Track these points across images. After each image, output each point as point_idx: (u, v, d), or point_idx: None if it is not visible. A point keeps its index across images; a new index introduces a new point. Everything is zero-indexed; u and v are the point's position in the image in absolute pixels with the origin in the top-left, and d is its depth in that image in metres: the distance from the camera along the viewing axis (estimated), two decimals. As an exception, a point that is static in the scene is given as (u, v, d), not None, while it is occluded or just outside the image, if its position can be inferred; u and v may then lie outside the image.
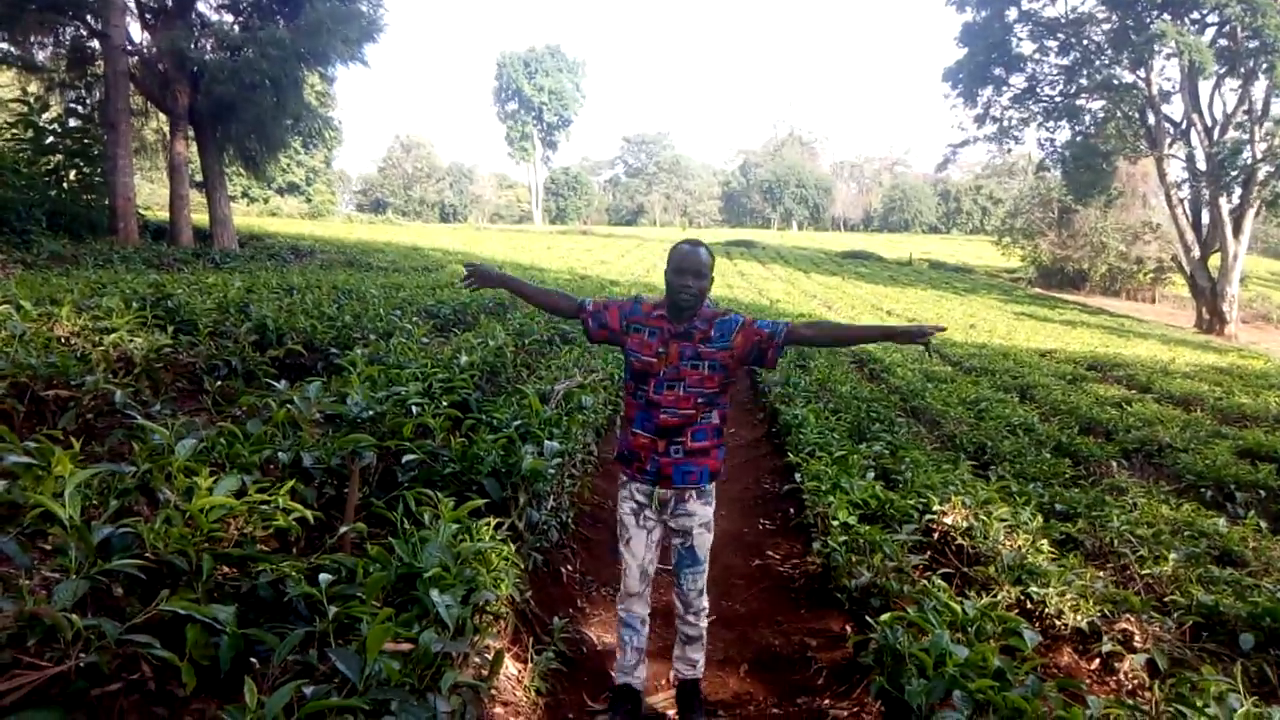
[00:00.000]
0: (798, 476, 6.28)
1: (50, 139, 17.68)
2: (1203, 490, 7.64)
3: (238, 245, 21.00)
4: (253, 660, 2.21)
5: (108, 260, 13.48)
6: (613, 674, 3.66)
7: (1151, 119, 32.83)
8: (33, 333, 4.80)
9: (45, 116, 17.83)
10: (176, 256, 15.96)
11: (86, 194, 17.98)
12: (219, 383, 5.16)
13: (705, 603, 3.52)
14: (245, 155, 21.02)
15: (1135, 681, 3.58)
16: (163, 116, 20.26)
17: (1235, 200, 31.00)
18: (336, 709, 1.95)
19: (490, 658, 2.98)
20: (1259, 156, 29.63)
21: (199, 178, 21.29)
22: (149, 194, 34.62)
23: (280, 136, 20.94)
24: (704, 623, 3.55)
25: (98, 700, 2.09)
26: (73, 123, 18.73)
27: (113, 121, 16.67)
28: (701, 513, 3.37)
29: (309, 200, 61.34)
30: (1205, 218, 32.09)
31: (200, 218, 21.26)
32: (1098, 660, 3.78)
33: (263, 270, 14.27)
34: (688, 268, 3.21)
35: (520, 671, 3.61)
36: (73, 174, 18.07)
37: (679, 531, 3.40)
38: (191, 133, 19.98)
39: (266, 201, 57.07)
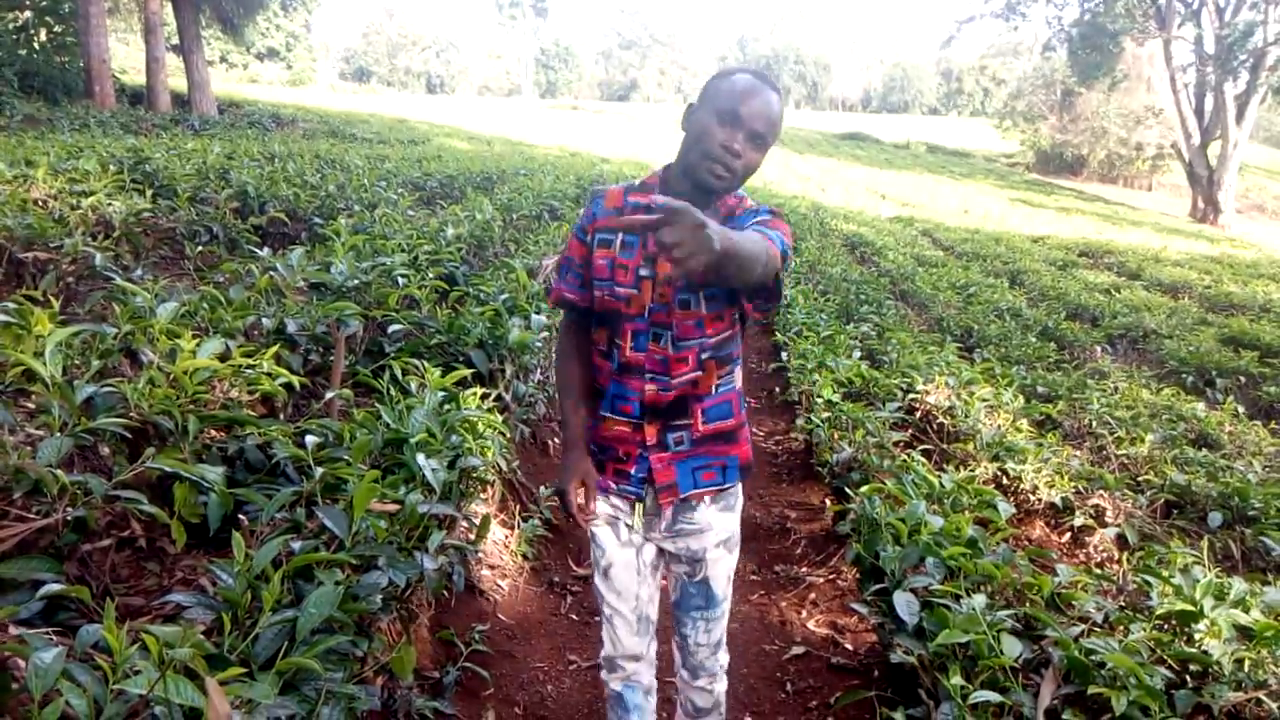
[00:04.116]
0: (784, 355, 6.31)
1: (16, -7, 16.87)
2: (1184, 376, 7.75)
3: (217, 111, 20.38)
4: (241, 518, 2.24)
5: (84, 124, 13.09)
6: None
7: (1163, -2, 31.73)
8: (8, 194, 4.68)
9: (9, -32, 16.96)
10: (154, 121, 15.50)
11: (59, 55, 17.28)
12: (200, 249, 5.07)
13: (724, 660, 2.19)
14: (222, 15, 20.19)
15: (1104, 554, 3.70)
16: (135, -28, 19.33)
17: (1241, 86, 30.30)
18: (325, 563, 1.98)
19: (477, 522, 3.04)
20: (1270, 39, 28.78)
21: (175, 40, 20.46)
22: (124, 57, 33.31)
23: (258, -5, 20.04)
24: (721, 686, 2.22)
25: (89, 555, 2.12)
26: (39, -24, 17.83)
27: (81, -25, 15.88)
28: (720, 525, 2.04)
29: (289, 67, 59.27)
30: (1209, 104, 31.43)
31: (178, 82, 20.55)
32: (1069, 534, 3.89)
33: (243, 137, 13.88)
34: (751, 116, 1.72)
35: (507, 537, 3.70)
36: (43, 33, 17.31)
37: (681, 557, 2.07)
38: (165, -10, 19.09)
39: (246, 68, 55.12)
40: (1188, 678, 2.26)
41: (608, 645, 2.13)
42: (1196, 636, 2.38)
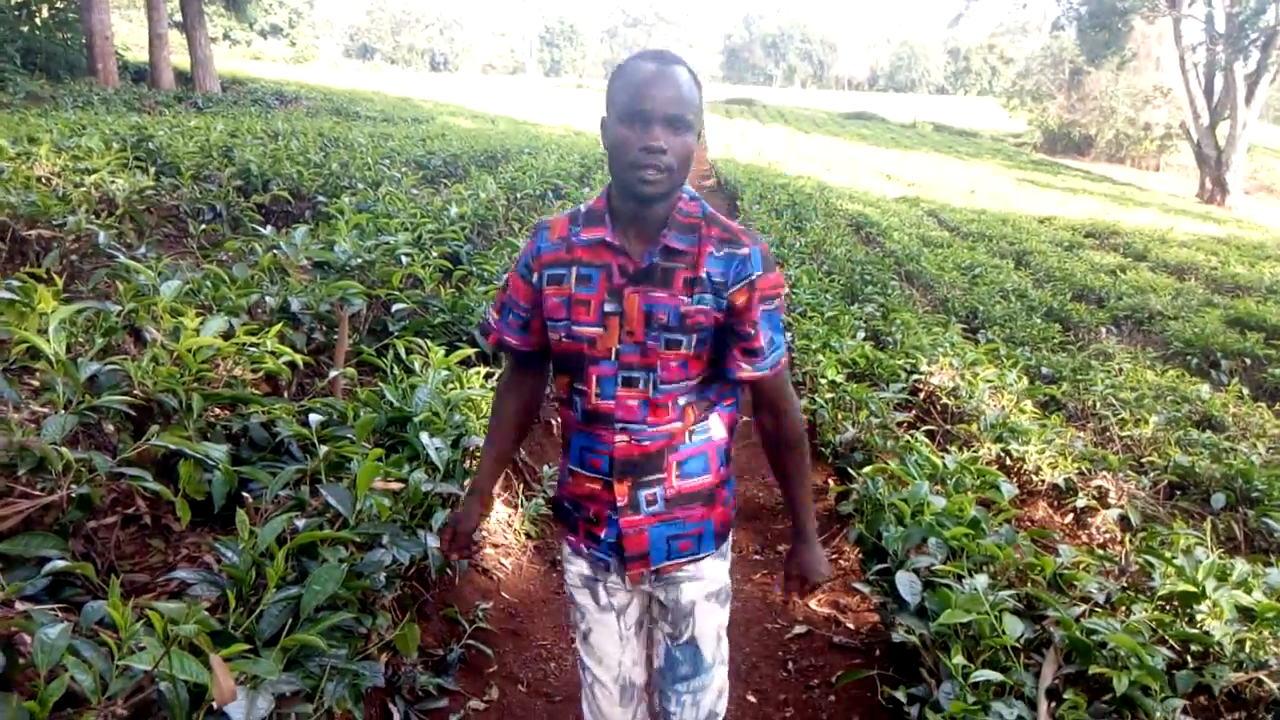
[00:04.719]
0: (788, 335, 6.30)
1: (17, -31, 16.78)
2: (1189, 358, 7.73)
3: (220, 89, 20.32)
4: (246, 495, 2.25)
5: (87, 101, 13.08)
6: None
7: (1174, -25, 31.39)
8: (11, 172, 4.68)
9: (9, -56, 16.87)
10: (157, 99, 15.48)
11: (62, 32, 17.24)
12: (203, 227, 5.07)
13: None
14: (224, -9, 20.05)
15: (1107, 535, 3.70)
16: (135, -52, 19.23)
17: (1251, 65, 30.03)
18: (329, 541, 1.99)
19: (480, 501, 3.04)
20: (1282, 18, 28.50)
21: (178, 17, 20.37)
22: (127, 34, 33.21)
23: (260, -29, 19.92)
24: None
25: (94, 532, 2.13)
26: (40, -47, 17.74)
27: (82, -49, 15.78)
28: (712, 573, 1.80)
29: (293, 44, 58.95)
30: (1218, 84, 31.17)
31: (181, 60, 20.48)
32: (1072, 515, 3.89)
33: (246, 115, 13.84)
34: (659, 104, 1.50)
35: (510, 515, 3.71)
36: (45, 10, 17.24)
37: (667, 610, 1.82)
38: (168, -33, 19.00)
39: (249, 45, 54.88)
40: (1189, 658, 2.27)
41: (587, 715, 1.94)
42: (1198, 617, 2.38)
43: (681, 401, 1.65)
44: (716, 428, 1.73)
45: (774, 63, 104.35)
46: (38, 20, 16.96)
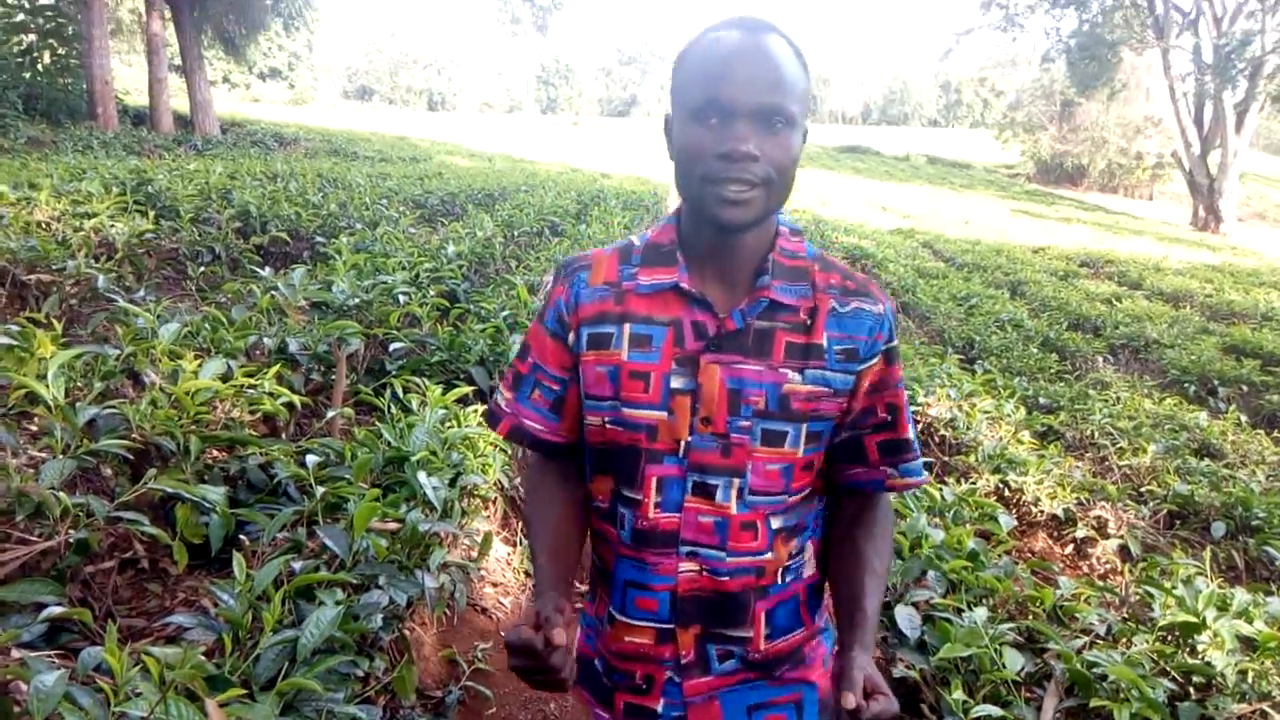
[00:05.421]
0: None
1: (20, 16, 17.00)
2: (1186, 385, 7.74)
3: (220, 131, 20.53)
4: (243, 538, 2.25)
5: (87, 145, 13.22)
6: None
7: (1160, 7, 31.85)
8: (11, 217, 4.72)
9: (13, -8, 17.14)
10: (157, 142, 15.64)
11: (63, 77, 17.44)
12: (202, 269, 5.11)
13: None
14: (224, 35, 20.38)
15: (1107, 565, 3.69)
16: (137, -6, 19.55)
17: (1240, 94, 30.40)
18: (325, 583, 1.99)
19: (479, 540, 3.04)
20: (1268, 48, 28.87)
21: (178, 61, 20.65)
22: (127, 78, 33.64)
23: (259, 16, 20.33)
24: None
25: (91, 577, 2.13)
26: (43, 0, 17.98)
27: (85, -1, 16.03)
28: None
29: (292, 86, 59.73)
30: (1208, 113, 31.53)
31: (180, 103, 20.72)
32: (1071, 545, 3.88)
33: (245, 157, 13.98)
34: (745, 89, 1.02)
35: (510, 554, 3.70)
36: (47, 56, 17.47)
37: None
38: (168, 12, 19.26)
39: (248, 88, 55.53)
40: (1191, 690, 2.25)
41: None
42: (1199, 648, 2.37)
43: (775, 524, 1.18)
44: (811, 562, 1.29)
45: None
46: (40, 66, 17.17)
